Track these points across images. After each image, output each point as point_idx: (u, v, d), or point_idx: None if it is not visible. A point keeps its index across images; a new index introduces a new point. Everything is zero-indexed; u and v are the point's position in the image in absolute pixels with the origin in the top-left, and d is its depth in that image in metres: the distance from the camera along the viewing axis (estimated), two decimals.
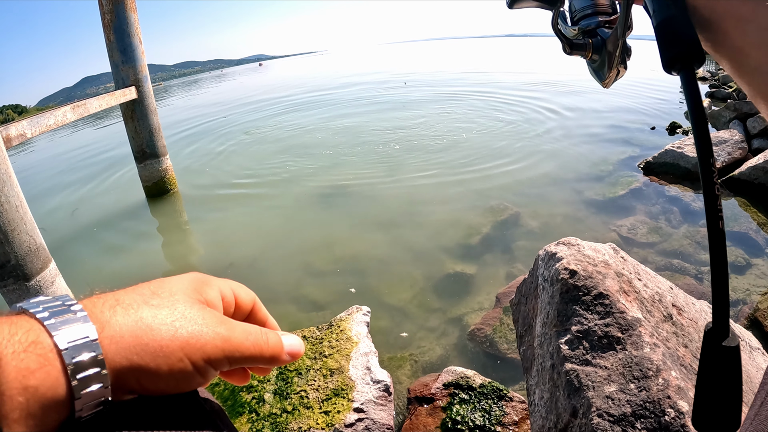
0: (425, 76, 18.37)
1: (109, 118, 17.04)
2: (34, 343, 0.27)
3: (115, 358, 0.30)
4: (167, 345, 0.31)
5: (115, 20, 4.85)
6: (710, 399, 0.36)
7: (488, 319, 2.61)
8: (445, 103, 10.60)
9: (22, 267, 2.77)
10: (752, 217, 3.63)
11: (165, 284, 0.36)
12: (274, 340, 0.38)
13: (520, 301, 1.51)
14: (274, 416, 1.84)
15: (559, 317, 1.16)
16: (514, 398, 1.91)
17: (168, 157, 5.72)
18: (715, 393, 0.36)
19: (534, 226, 3.87)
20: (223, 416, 0.39)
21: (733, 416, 0.35)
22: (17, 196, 2.77)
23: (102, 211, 5.53)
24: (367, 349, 2.10)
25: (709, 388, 0.36)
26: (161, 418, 0.33)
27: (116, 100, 4.81)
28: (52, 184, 7.52)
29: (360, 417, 1.80)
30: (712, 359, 0.36)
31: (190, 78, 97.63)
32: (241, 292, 0.41)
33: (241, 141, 8.83)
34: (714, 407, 0.36)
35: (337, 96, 14.07)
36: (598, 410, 0.98)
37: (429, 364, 2.42)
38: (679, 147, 4.77)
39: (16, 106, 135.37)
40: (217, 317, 0.35)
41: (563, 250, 1.28)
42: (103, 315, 0.31)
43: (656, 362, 1.02)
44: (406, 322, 2.78)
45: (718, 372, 0.35)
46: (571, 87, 11.79)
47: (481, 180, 5.16)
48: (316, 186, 5.49)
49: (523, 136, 6.96)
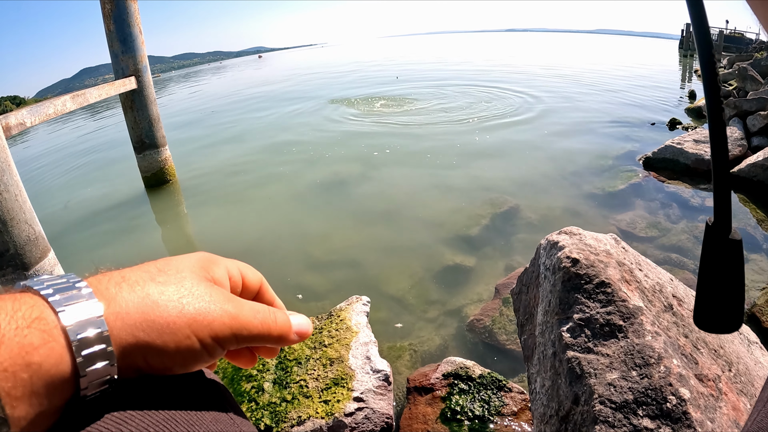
0: (421, 70, 18.32)
1: (108, 109, 16.97)
2: (38, 319, 0.27)
3: (120, 335, 0.29)
4: (174, 321, 0.31)
5: (114, 9, 4.82)
6: (713, 295, 0.34)
7: (487, 310, 2.62)
8: (441, 95, 10.61)
9: (21, 256, 2.76)
10: (751, 213, 3.64)
11: (172, 262, 0.35)
12: (282, 318, 0.38)
13: (521, 290, 1.51)
14: (274, 405, 1.85)
15: (561, 305, 1.17)
16: (513, 389, 1.92)
17: (167, 147, 5.70)
18: (719, 289, 0.34)
19: (533, 219, 3.87)
20: (229, 397, 0.38)
21: (736, 314, 0.34)
22: (16, 184, 2.75)
23: (101, 202, 5.52)
24: (366, 339, 2.10)
25: (712, 284, 0.34)
26: (168, 397, 0.32)
27: (116, 89, 4.78)
28: (50, 175, 7.50)
29: (360, 406, 1.81)
30: (715, 253, 0.34)
31: (189, 69, 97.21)
32: (249, 272, 0.41)
33: (242, 131, 8.82)
34: (717, 304, 0.34)
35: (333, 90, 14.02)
36: (600, 397, 0.99)
37: (428, 354, 2.43)
38: (678, 143, 4.78)
39: (14, 97, 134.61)
40: (224, 295, 0.35)
41: (565, 239, 1.28)
42: (109, 292, 0.30)
43: (658, 350, 1.02)
44: (406, 312, 2.79)
45: (722, 266, 0.34)
46: (571, 81, 11.79)
47: (481, 172, 5.16)
48: (314, 176, 5.48)
49: (523, 129, 6.96)
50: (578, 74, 13.36)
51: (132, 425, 0.29)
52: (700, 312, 0.35)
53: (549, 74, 13.69)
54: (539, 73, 13.95)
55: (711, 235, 0.34)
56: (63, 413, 0.28)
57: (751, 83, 7.87)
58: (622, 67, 15.92)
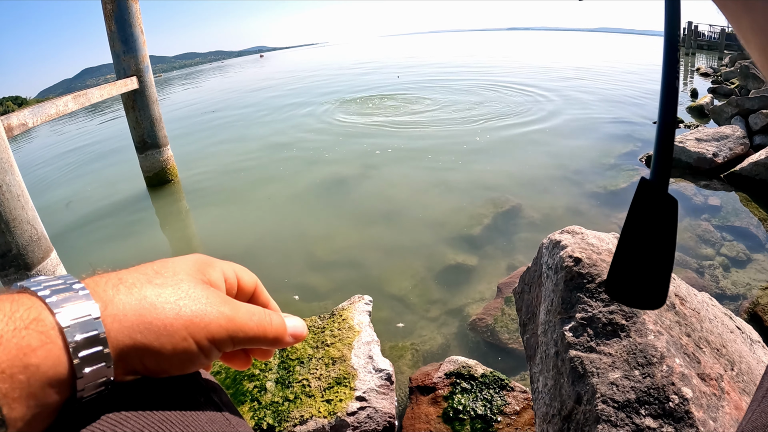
0: (422, 70, 18.30)
1: (110, 109, 16.99)
2: (36, 321, 0.27)
3: (117, 337, 0.29)
4: (171, 324, 0.31)
5: (116, 10, 4.82)
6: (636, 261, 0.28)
7: (489, 309, 2.62)
8: (442, 94, 10.60)
9: (24, 256, 2.77)
10: (753, 212, 3.63)
11: (168, 264, 0.36)
12: (277, 321, 0.38)
13: (524, 289, 1.52)
14: (276, 405, 1.85)
15: (564, 305, 1.17)
16: (515, 388, 1.92)
17: (169, 147, 5.71)
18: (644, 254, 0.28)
19: (535, 218, 3.87)
20: (225, 398, 0.38)
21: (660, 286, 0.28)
22: (18, 185, 2.76)
23: (103, 202, 5.54)
24: (369, 338, 2.10)
25: (638, 247, 0.28)
26: (164, 398, 0.32)
27: (117, 90, 4.79)
28: (53, 175, 7.52)
29: (362, 405, 1.81)
30: (647, 209, 0.29)
31: (190, 69, 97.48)
32: (244, 275, 0.41)
33: (243, 130, 8.82)
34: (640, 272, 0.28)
35: (334, 90, 14.02)
36: (602, 396, 0.99)
37: (430, 353, 2.43)
38: (680, 142, 4.77)
39: (16, 97, 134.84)
40: (221, 297, 0.35)
41: (567, 238, 1.28)
42: (106, 293, 0.30)
43: (660, 349, 1.02)
44: (408, 312, 2.79)
45: (653, 227, 0.29)
46: (572, 80, 11.77)
47: (482, 171, 5.15)
48: (316, 176, 5.49)
49: (524, 128, 6.94)
50: (579, 73, 13.33)
51: (128, 426, 0.29)
52: (616, 279, 0.29)
53: (550, 73, 13.66)
54: (540, 72, 13.93)
55: (645, 191, 0.30)
56: (59, 414, 0.28)
57: (753, 81, 7.86)
58: (623, 65, 15.87)
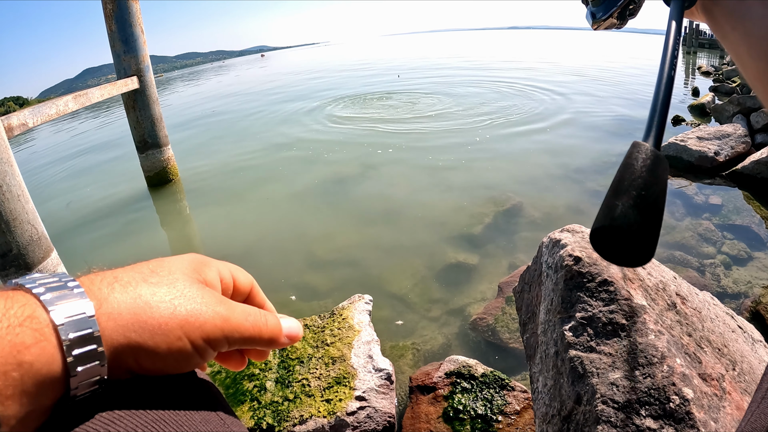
0: (422, 69, 18.29)
1: (111, 109, 17.02)
2: (30, 318, 0.27)
3: (112, 335, 0.29)
4: (166, 323, 0.31)
5: (116, 10, 4.83)
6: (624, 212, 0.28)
7: (490, 308, 2.61)
8: (443, 94, 10.59)
9: (24, 256, 2.77)
10: (755, 210, 3.62)
11: (164, 263, 0.35)
12: (273, 321, 0.38)
13: (524, 288, 1.51)
14: (276, 404, 1.85)
15: (564, 304, 1.16)
16: (516, 388, 1.92)
17: (170, 147, 5.71)
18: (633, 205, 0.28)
19: (536, 217, 3.86)
20: (220, 397, 0.38)
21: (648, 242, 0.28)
22: (19, 185, 2.76)
23: (103, 201, 5.54)
24: (369, 338, 2.10)
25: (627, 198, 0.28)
26: (158, 398, 0.32)
27: (118, 89, 4.79)
28: (53, 175, 7.53)
29: (362, 405, 1.81)
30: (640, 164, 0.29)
31: (191, 69, 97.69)
32: (240, 275, 0.41)
33: (244, 130, 8.83)
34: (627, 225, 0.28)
35: (336, 91, 14.02)
36: (602, 397, 0.98)
37: (431, 353, 2.42)
38: (682, 140, 4.75)
39: (17, 97, 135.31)
40: (216, 297, 0.35)
41: (567, 237, 1.27)
42: (101, 292, 0.30)
43: (661, 349, 1.01)
44: (408, 311, 2.79)
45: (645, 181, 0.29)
46: (573, 79, 11.75)
47: (483, 170, 5.15)
48: (316, 175, 5.49)
49: (525, 127, 6.93)
50: (580, 71, 13.31)
51: (121, 425, 0.29)
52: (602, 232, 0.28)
53: (551, 72, 13.64)
54: (541, 71, 13.91)
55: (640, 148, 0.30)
56: (53, 413, 0.28)
57: None
58: (624, 63, 15.84)
